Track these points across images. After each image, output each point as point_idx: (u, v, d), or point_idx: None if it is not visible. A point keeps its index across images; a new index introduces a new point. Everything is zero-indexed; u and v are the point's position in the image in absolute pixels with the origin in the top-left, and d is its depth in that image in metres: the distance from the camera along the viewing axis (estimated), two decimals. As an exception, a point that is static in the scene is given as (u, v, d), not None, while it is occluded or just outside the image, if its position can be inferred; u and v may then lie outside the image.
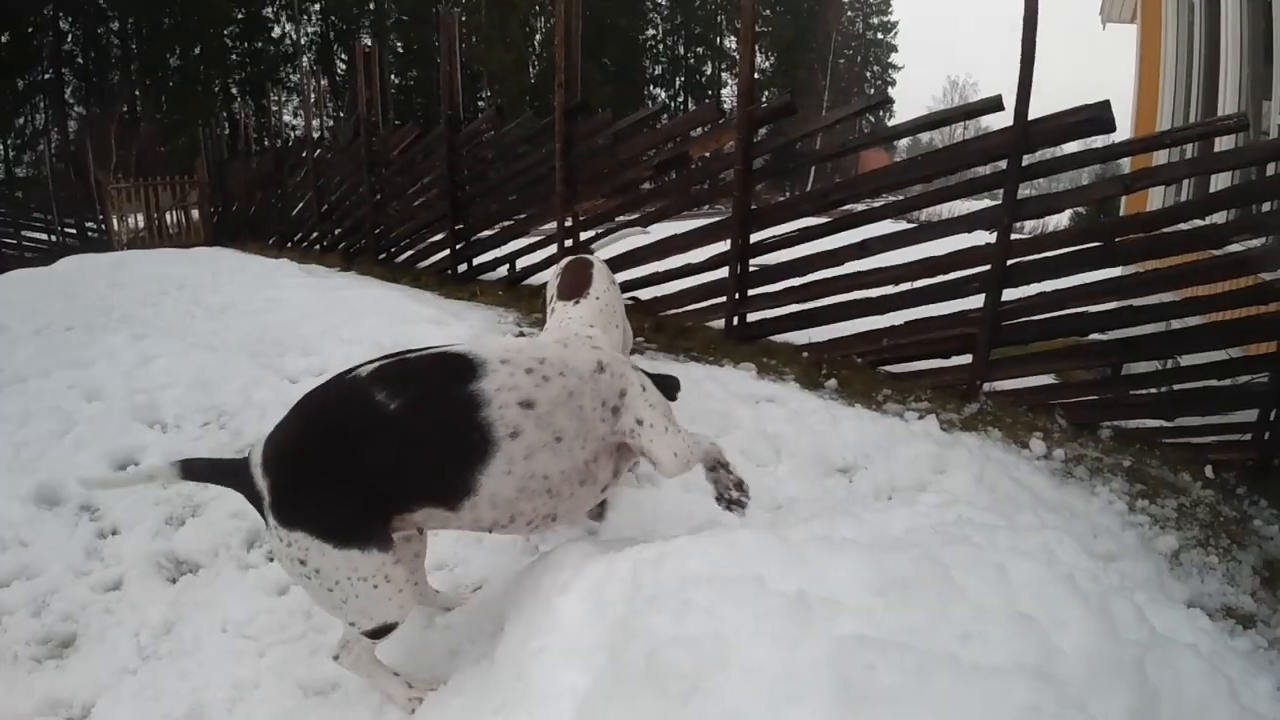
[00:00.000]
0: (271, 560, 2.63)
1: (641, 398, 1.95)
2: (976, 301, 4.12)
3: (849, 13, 51.70)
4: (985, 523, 1.97)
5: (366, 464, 1.62)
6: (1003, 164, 3.95)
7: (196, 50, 38.47)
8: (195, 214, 15.16)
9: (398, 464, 1.66)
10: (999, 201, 3.96)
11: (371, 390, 1.67)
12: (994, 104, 4.01)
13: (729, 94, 49.30)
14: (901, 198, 4.56)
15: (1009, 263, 3.99)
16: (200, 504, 3.00)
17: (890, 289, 4.40)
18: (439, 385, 1.73)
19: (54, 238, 17.37)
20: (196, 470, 1.73)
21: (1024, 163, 3.89)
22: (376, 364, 1.74)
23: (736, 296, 4.92)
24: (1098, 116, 3.71)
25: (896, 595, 1.42)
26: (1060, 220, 15.12)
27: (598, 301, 2.63)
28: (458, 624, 2.07)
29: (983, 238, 4.15)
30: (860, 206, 4.74)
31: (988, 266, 4.04)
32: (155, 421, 3.66)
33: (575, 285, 2.74)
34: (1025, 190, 4.20)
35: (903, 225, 4.46)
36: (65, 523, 2.91)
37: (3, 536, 2.81)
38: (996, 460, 3.33)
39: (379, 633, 1.74)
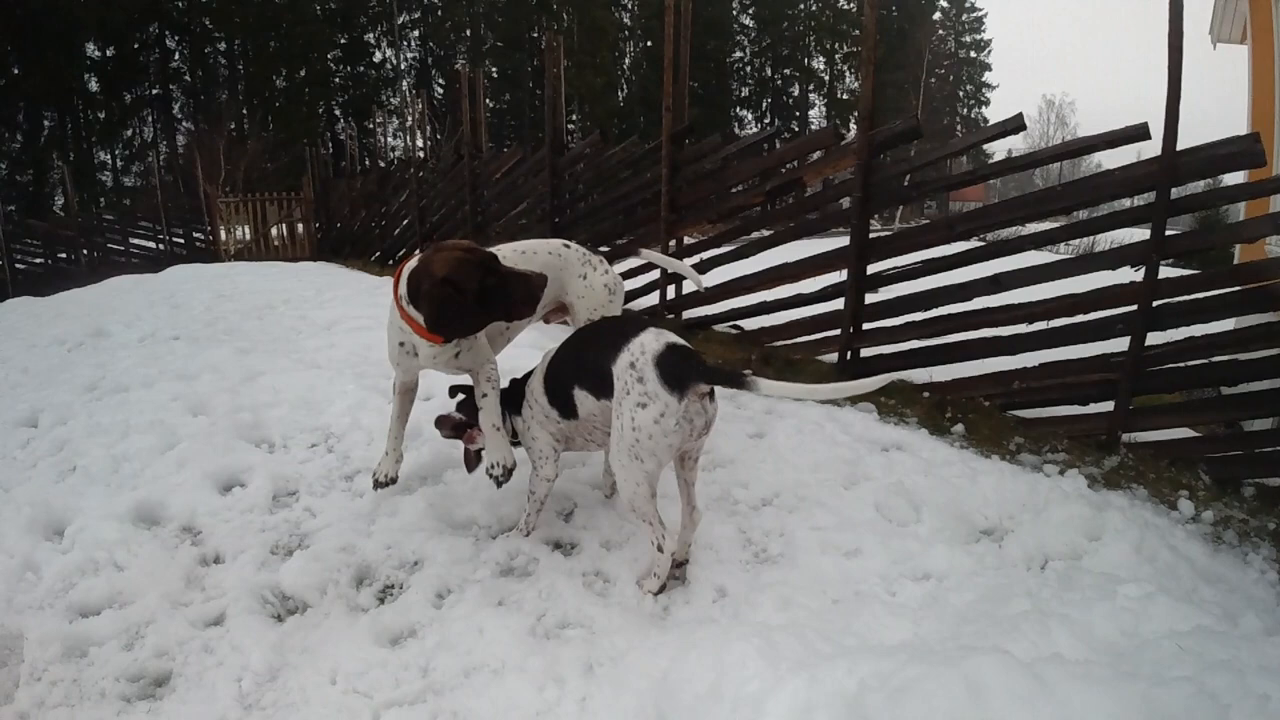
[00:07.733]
0: (383, 603, 2.48)
1: None
2: (1116, 344, 3.81)
3: (940, 31, 50.50)
4: (1215, 630, 1.68)
5: None
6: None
7: (301, 73, 40.37)
8: (300, 229, 15.71)
9: None
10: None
11: None
12: (1140, 132, 3.69)
13: (815, 115, 48.81)
14: (1036, 229, 4.25)
15: (1155, 304, 3.67)
16: (307, 533, 2.83)
17: (1023, 327, 4.10)
18: None
19: (161, 245, 18.32)
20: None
21: (1171, 195, 3.59)
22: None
23: (851, 330, 4.65)
24: (1248, 149, 3.45)
25: (1175, 744, 1.17)
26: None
27: None
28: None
29: (1126, 275, 3.82)
30: (1005, 235, 4.44)
31: (1133, 306, 3.71)
32: (261, 441, 3.58)
33: None
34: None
35: (1039, 258, 4.13)
36: (165, 546, 2.72)
37: (95, 558, 2.61)
38: (1152, 526, 3.01)
39: None
